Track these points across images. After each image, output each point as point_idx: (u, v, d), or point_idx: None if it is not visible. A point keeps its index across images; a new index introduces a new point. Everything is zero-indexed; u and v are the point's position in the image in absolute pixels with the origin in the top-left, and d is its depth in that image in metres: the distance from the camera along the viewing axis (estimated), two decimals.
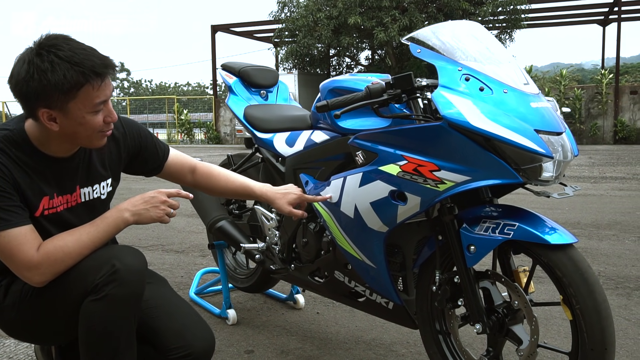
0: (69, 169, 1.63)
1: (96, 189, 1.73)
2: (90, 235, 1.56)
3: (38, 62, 1.39)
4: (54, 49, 1.41)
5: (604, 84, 17.50)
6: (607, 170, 9.44)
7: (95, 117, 1.50)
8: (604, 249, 3.98)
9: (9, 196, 1.47)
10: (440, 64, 1.65)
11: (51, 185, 1.60)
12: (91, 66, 1.43)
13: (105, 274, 1.48)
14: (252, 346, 2.41)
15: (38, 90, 1.40)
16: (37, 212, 1.57)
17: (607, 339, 1.47)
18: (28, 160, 1.54)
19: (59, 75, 1.39)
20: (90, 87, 1.44)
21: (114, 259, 1.51)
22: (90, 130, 1.51)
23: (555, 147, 1.54)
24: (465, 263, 1.67)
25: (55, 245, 1.51)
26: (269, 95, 2.71)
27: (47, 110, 1.45)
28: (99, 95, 1.47)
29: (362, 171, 1.77)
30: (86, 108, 1.47)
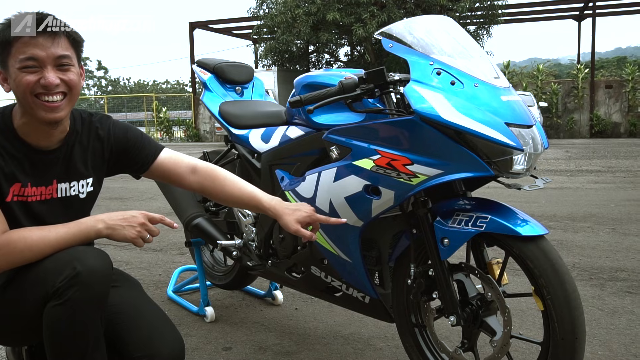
0: (47, 161, 1.61)
1: (74, 186, 1.69)
2: (57, 235, 1.52)
3: None
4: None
5: (580, 79, 17.75)
6: (583, 164, 9.57)
7: (26, 76, 1.48)
8: (579, 240, 4.04)
9: None
10: (412, 58, 1.66)
11: (27, 174, 1.58)
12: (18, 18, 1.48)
13: (66, 277, 1.43)
14: (230, 343, 2.40)
15: None
16: (8, 197, 1.55)
17: (578, 328, 1.50)
18: (8, 146, 1.54)
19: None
20: (20, 40, 1.46)
21: (75, 261, 1.45)
22: (22, 91, 1.49)
23: (525, 140, 1.56)
24: (440, 256, 1.68)
25: (20, 234, 1.48)
26: (244, 92, 2.70)
27: (1, 71, 1.51)
28: (25, 50, 1.47)
29: (336, 166, 1.77)
30: (17, 64, 1.47)
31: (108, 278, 1.51)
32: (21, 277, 1.52)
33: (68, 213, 1.67)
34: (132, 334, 1.62)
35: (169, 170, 1.84)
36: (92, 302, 1.47)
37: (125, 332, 1.63)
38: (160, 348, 1.61)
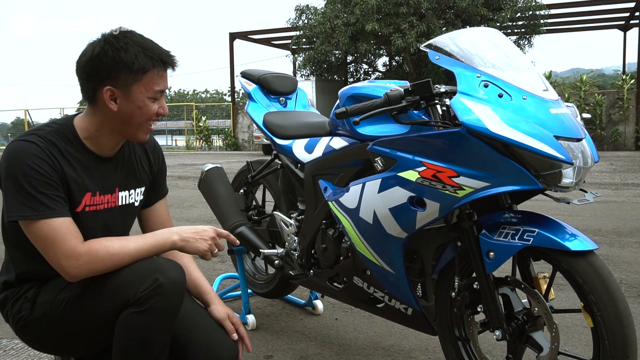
0: (110, 169, 1.69)
1: (132, 195, 1.77)
2: (136, 246, 1.58)
3: (114, 42, 1.51)
4: (129, 35, 1.54)
5: (625, 90, 17.29)
6: (629, 177, 9.31)
7: (152, 105, 1.59)
8: (626, 256, 3.93)
9: (56, 186, 1.51)
10: (459, 70, 1.66)
11: (95, 183, 1.64)
12: (159, 54, 1.56)
13: (149, 287, 1.49)
14: (271, 351, 2.42)
15: (109, 66, 1.51)
16: (79, 207, 1.60)
17: (629, 347, 1.46)
18: (76, 155, 1.60)
19: (131, 55, 1.51)
20: (155, 72, 1.56)
21: (157, 273, 1.52)
22: (144, 116, 1.59)
23: (575, 154, 1.54)
24: (485, 269, 1.67)
25: (101, 243, 1.54)
26: (287, 102, 2.74)
27: (111, 88, 1.53)
28: (159, 83, 1.58)
29: (381, 177, 1.78)
30: (147, 92, 1.56)
31: (184, 290, 1.59)
32: (99, 286, 1.56)
33: (124, 221, 1.75)
34: (191, 340, 1.69)
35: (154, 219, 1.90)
36: (170, 311, 1.54)
37: (184, 338, 1.69)
38: (219, 353, 1.69)
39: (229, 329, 1.76)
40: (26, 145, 1.51)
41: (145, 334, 1.51)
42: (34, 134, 1.55)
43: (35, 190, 1.47)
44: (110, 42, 1.51)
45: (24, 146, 1.51)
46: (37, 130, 1.57)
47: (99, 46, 1.52)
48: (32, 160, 1.48)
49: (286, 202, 2.59)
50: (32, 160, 1.48)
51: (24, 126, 31.69)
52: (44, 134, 1.56)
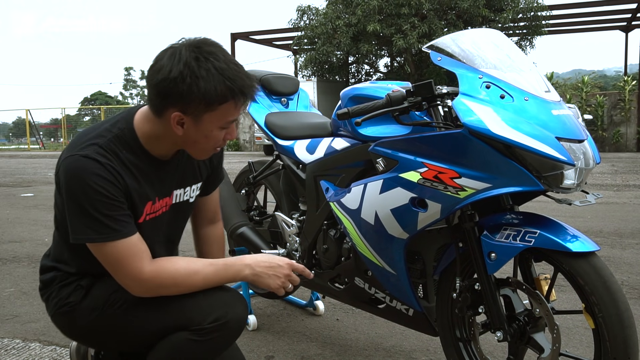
0: (169, 171, 1.61)
1: (187, 192, 1.71)
2: (205, 277, 1.52)
3: (194, 66, 1.36)
4: (212, 58, 1.38)
5: (626, 91, 17.27)
6: (630, 178, 9.31)
7: (221, 133, 1.49)
8: (627, 257, 3.93)
9: (120, 205, 1.44)
10: (461, 71, 1.66)
11: (154, 189, 1.58)
12: (241, 85, 1.41)
13: (216, 321, 1.48)
14: (273, 352, 2.42)
15: (184, 94, 1.37)
16: (141, 218, 1.55)
17: (630, 348, 1.46)
18: (137, 162, 1.51)
19: (210, 86, 1.37)
20: (232, 104, 1.42)
21: (227, 308, 1.51)
22: (211, 143, 1.50)
23: (576, 155, 1.54)
24: (486, 270, 1.67)
25: (169, 268, 1.49)
26: (289, 103, 2.74)
27: (179, 115, 1.41)
28: (234, 114, 1.46)
29: (382, 178, 1.78)
30: (219, 123, 1.45)
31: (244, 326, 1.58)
32: (163, 300, 1.53)
33: (177, 217, 1.71)
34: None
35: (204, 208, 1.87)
36: (226, 346, 1.55)
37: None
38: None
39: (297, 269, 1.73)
40: (87, 164, 1.41)
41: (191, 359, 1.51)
42: (95, 145, 1.45)
43: (99, 214, 1.41)
44: (191, 66, 1.35)
45: (84, 165, 1.41)
46: (97, 139, 1.47)
47: (178, 69, 1.35)
48: (94, 181, 1.40)
49: (287, 203, 2.59)
50: (94, 181, 1.40)
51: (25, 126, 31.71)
52: (105, 143, 1.47)
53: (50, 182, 10.67)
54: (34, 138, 33.82)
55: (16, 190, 9.25)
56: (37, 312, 2.98)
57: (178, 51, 1.38)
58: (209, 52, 1.38)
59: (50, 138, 47.10)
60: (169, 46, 1.42)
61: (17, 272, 3.86)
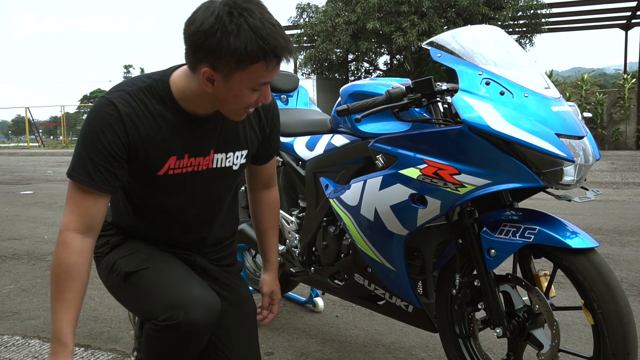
0: (207, 130, 1.55)
1: (230, 157, 1.64)
2: (52, 307, 1.42)
3: (226, 20, 1.30)
4: (246, 13, 1.31)
5: (626, 89, 17.26)
6: (630, 176, 9.31)
7: (252, 95, 1.42)
8: (627, 255, 3.94)
9: (112, 159, 1.43)
10: (461, 68, 1.66)
11: (185, 145, 1.53)
12: (274, 46, 1.33)
13: (167, 319, 1.45)
14: (272, 348, 2.42)
15: (214, 48, 1.31)
16: (161, 171, 1.52)
17: (630, 344, 1.47)
18: (166, 114, 1.49)
19: (241, 43, 1.30)
20: (264, 65, 1.35)
21: (181, 309, 1.45)
22: (240, 104, 1.44)
23: (576, 151, 1.54)
24: (486, 266, 1.67)
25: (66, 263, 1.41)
26: (289, 100, 2.74)
27: (209, 70, 1.36)
28: (266, 75, 1.39)
29: (382, 174, 1.78)
30: (249, 83, 1.39)
31: (208, 331, 1.54)
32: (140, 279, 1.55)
33: (217, 184, 1.66)
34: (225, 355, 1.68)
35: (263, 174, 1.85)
36: (182, 348, 1.52)
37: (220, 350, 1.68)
38: None
39: (263, 305, 1.88)
40: (106, 109, 1.43)
41: (160, 351, 1.53)
42: (123, 91, 1.46)
43: (87, 157, 1.42)
44: (222, 20, 1.29)
45: (103, 109, 1.43)
46: (129, 86, 1.48)
47: (209, 22, 1.30)
48: (101, 128, 1.41)
49: (287, 200, 2.59)
50: (101, 128, 1.41)
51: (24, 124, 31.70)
52: (135, 91, 1.46)
53: (49, 179, 10.68)
54: (33, 136, 33.80)
55: (15, 187, 9.24)
56: (37, 309, 2.98)
57: (213, 4, 1.33)
58: (244, 8, 1.32)
59: (49, 136, 47.08)
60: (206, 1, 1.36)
61: (16, 269, 3.86)
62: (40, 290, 3.34)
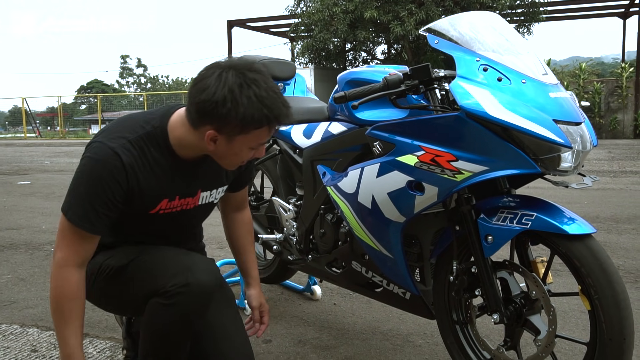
0: (196, 173, 1.68)
1: (213, 194, 1.79)
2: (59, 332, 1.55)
3: (237, 92, 1.40)
4: (254, 85, 1.42)
5: (624, 78, 17.25)
6: (627, 165, 9.33)
7: (250, 152, 1.55)
8: (623, 242, 3.95)
9: (111, 205, 1.53)
10: (458, 54, 1.65)
11: (176, 188, 1.65)
12: (278, 114, 1.46)
13: (177, 284, 1.54)
14: (270, 336, 2.43)
15: (222, 116, 1.42)
16: (153, 210, 1.64)
17: (626, 329, 1.47)
18: (162, 161, 1.59)
19: (249, 113, 1.42)
20: (266, 129, 1.48)
21: (189, 272, 1.56)
22: (238, 160, 1.57)
23: (574, 137, 1.54)
24: (483, 253, 1.67)
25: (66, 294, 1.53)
26: (286, 88, 2.73)
27: (214, 133, 1.47)
28: (266, 137, 1.52)
29: (379, 162, 1.78)
30: (250, 144, 1.51)
31: (212, 295, 1.62)
32: (137, 266, 1.63)
33: (200, 217, 1.83)
34: (217, 355, 1.75)
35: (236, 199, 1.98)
36: (192, 312, 1.59)
37: (211, 351, 1.75)
38: None
39: (254, 318, 1.94)
40: (109, 158, 1.51)
41: (166, 325, 1.58)
42: (124, 139, 1.54)
43: (89, 204, 1.51)
44: (234, 92, 1.40)
45: (106, 157, 1.51)
46: (130, 133, 1.56)
47: (222, 93, 1.40)
48: (106, 180, 1.50)
49: (285, 188, 2.59)
50: (106, 180, 1.50)
51: (21, 114, 31.58)
52: (135, 139, 1.55)
53: (46, 170, 10.65)
54: (30, 127, 33.68)
55: (13, 178, 9.23)
56: (35, 298, 2.98)
57: (225, 75, 1.42)
58: (252, 80, 1.43)
59: (46, 127, 46.92)
60: (216, 65, 1.47)
61: (14, 258, 3.86)
62: (38, 279, 3.34)
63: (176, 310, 1.55)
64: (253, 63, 1.48)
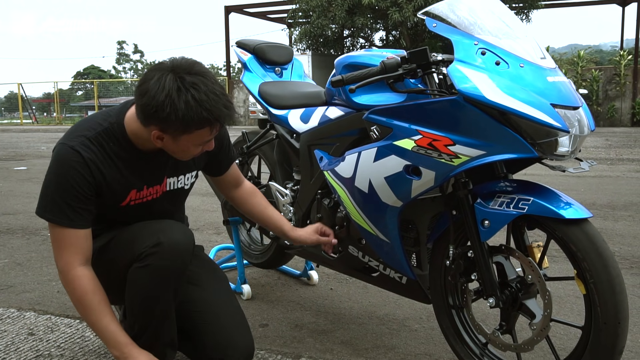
0: (159, 162, 1.75)
1: (181, 180, 1.85)
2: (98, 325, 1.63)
3: (175, 97, 1.47)
4: (193, 88, 1.48)
5: (622, 66, 17.22)
6: (624, 152, 9.34)
7: (198, 148, 1.63)
8: (619, 229, 3.96)
9: (84, 198, 1.61)
10: (456, 38, 1.64)
11: (142, 178, 1.72)
12: (218, 115, 1.53)
13: (149, 245, 1.61)
14: (267, 320, 2.44)
15: (163, 119, 1.50)
16: (124, 202, 1.72)
17: (621, 313, 1.48)
18: (123, 155, 1.66)
19: (188, 116, 1.48)
20: (208, 129, 1.56)
21: (160, 233, 1.64)
22: (188, 155, 1.66)
23: (571, 122, 1.53)
24: (480, 237, 1.67)
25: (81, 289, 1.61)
26: (283, 72, 2.71)
27: (159, 133, 1.55)
28: (210, 136, 1.60)
29: (376, 146, 1.77)
30: (195, 142, 1.59)
31: (188, 253, 1.68)
32: (116, 241, 1.71)
33: (172, 203, 1.87)
34: (209, 336, 1.81)
35: (226, 180, 2.06)
36: (169, 271, 1.64)
37: (203, 332, 1.81)
38: (232, 353, 1.79)
39: (325, 241, 2.06)
40: (70, 156, 1.58)
41: (145, 289, 1.63)
42: (83, 137, 1.62)
43: (62, 200, 1.59)
44: (172, 97, 1.47)
45: (68, 156, 1.59)
46: (88, 131, 1.63)
47: (159, 98, 1.47)
48: (70, 173, 1.58)
49: (282, 173, 2.59)
50: (70, 173, 1.58)
51: (17, 100, 31.42)
52: (94, 136, 1.63)
53: (43, 155, 10.63)
54: (26, 112, 33.52)
55: (9, 163, 9.20)
56: (32, 282, 2.99)
57: (163, 78, 1.48)
58: (191, 83, 1.49)
59: (43, 113, 46.70)
60: (157, 67, 1.52)
61: (11, 243, 3.86)
62: (34, 264, 3.34)
63: (151, 270, 1.61)
64: (194, 64, 1.53)
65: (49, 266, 3.28)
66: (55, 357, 2.05)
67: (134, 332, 1.69)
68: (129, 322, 1.71)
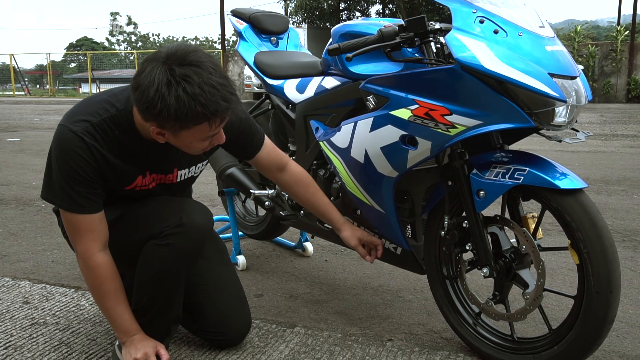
0: (167, 152, 1.68)
1: (192, 169, 1.84)
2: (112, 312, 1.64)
3: (165, 93, 1.34)
4: (184, 81, 1.35)
5: (619, 41, 17.13)
6: (619, 128, 9.35)
7: (203, 143, 1.52)
8: (613, 203, 3.98)
9: (91, 183, 1.55)
10: (455, 5, 1.62)
11: (147, 165, 1.69)
12: (215, 110, 1.39)
13: (171, 224, 1.60)
14: (262, 290, 2.45)
15: (157, 116, 1.39)
16: (130, 186, 1.69)
17: (613, 283, 1.49)
18: (128, 143, 1.60)
19: (181, 112, 1.36)
20: (207, 125, 1.43)
21: (183, 213, 1.62)
22: (193, 150, 1.55)
23: (568, 92, 1.53)
24: (475, 208, 1.68)
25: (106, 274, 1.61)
26: (279, 42, 2.68)
27: (158, 129, 1.46)
28: (213, 129, 1.47)
29: (373, 116, 1.76)
30: (198, 137, 1.48)
31: (206, 235, 1.68)
32: (132, 215, 1.69)
33: (180, 187, 1.85)
34: (210, 310, 1.84)
35: (263, 163, 1.95)
36: (188, 252, 1.64)
37: (205, 306, 1.84)
38: (230, 328, 1.83)
39: (361, 253, 1.98)
40: (72, 141, 1.52)
41: (161, 266, 1.62)
42: (87, 122, 1.54)
43: (69, 187, 1.53)
44: (162, 92, 1.34)
45: (70, 141, 1.52)
46: (93, 116, 1.55)
47: (150, 93, 1.35)
48: (73, 158, 1.52)
49: (277, 143, 2.56)
50: (73, 158, 1.52)
51: (9, 72, 31.06)
52: (99, 122, 1.55)
53: (36, 127, 10.55)
54: (19, 84, 33.19)
55: (2, 135, 9.13)
56: (26, 252, 2.98)
57: (154, 71, 1.36)
58: (183, 75, 1.35)
59: (35, 84, 46.22)
60: (152, 57, 1.41)
61: (4, 214, 3.85)
62: (28, 234, 3.34)
63: (171, 250, 1.59)
64: (189, 53, 1.39)
65: (43, 236, 3.28)
66: (50, 324, 2.06)
67: (142, 304, 1.68)
68: (138, 294, 1.68)
